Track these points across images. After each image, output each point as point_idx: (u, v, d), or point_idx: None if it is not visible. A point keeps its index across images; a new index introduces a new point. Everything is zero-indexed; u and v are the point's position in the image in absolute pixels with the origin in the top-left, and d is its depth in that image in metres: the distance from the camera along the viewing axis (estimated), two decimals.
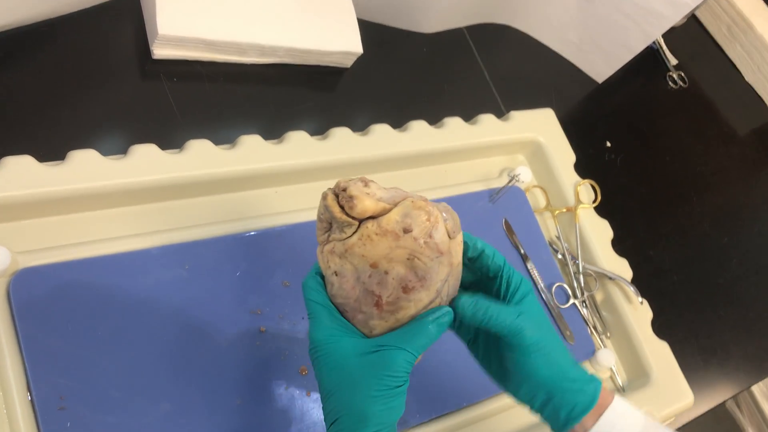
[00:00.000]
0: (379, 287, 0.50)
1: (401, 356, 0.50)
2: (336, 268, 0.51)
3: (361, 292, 0.51)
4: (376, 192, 0.50)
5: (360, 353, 0.50)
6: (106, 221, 0.67)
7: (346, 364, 0.50)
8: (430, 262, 0.50)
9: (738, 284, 1.14)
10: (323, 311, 0.53)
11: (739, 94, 1.46)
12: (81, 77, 0.75)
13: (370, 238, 0.49)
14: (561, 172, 0.96)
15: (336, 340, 0.51)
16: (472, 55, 1.09)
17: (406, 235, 0.49)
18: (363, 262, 0.50)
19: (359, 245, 0.49)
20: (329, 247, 0.52)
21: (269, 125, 0.84)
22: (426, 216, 0.49)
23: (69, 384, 0.58)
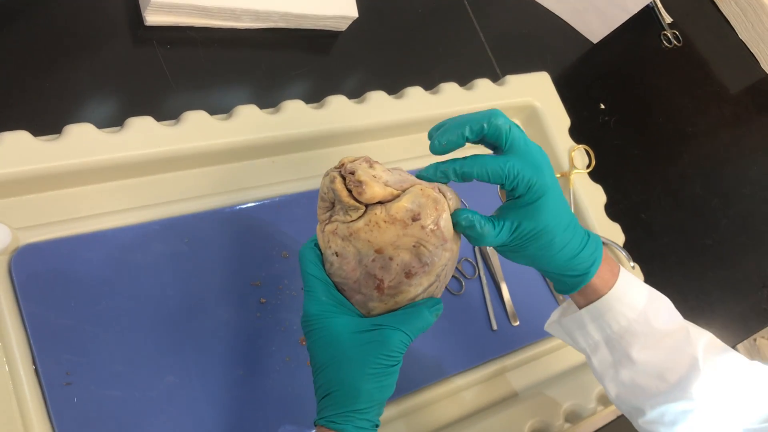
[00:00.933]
0: (382, 271, 0.51)
1: (398, 336, 0.51)
2: (337, 249, 0.52)
3: (362, 275, 0.51)
4: (382, 175, 0.51)
5: (356, 331, 0.51)
6: (105, 195, 0.66)
7: (341, 340, 0.51)
8: (435, 249, 0.50)
9: (726, 245, 1.16)
10: (320, 285, 0.53)
11: (732, 52, 1.45)
12: (72, 46, 0.73)
13: (378, 225, 0.49)
14: (555, 136, 0.96)
15: (332, 315, 0.52)
16: (468, 16, 1.07)
17: (415, 223, 0.49)
18: (368, 246, 0.50)
19: (365, 230, 0.49)
20: (331, 227, 0.52)
21: (264, 91, 0.83)
22: (434, 204, 0.49)
23: (74, 359, 0.59)
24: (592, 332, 0.58)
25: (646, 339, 0.56)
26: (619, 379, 0.59)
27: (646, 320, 0.56)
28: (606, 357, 0.59)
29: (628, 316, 0.56)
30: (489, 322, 0.82)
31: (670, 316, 0.58)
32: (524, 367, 0.82)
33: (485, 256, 0.85)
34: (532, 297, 0.87)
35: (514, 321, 0.83)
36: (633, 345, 0.56)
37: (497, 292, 0.84)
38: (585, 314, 0.58)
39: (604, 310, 0.56)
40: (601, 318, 0.57)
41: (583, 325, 0.58)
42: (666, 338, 0.57)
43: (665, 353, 0.56)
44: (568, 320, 0.60)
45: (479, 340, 0.80)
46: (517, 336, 0.83)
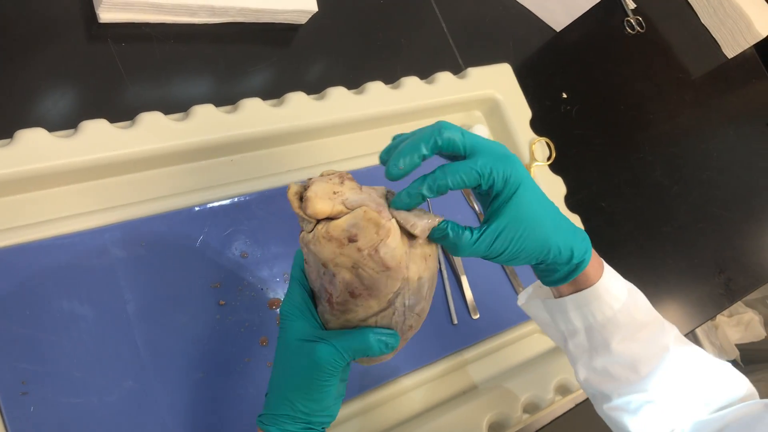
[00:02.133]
0: (330, 286, 0.51)
1: (330, 353, 0.51)
2: (306, 257, 0.53)
3: (319, 285, 0.53)
4: (346, 192, 0.50)
5: (302, 339, 0.52)
6: (59, 200, 0.66)
7: (288, 345, 0.53)
8: (375, 275, 0.50)
9: (684, 232, 1.18)
10: (297, 287, 0.55)
11: (694, 37, 1.47)
12: (23, 46, 0.72)
13: (319, 240, 0.49)
14: (517, 129, 0.97)
15: (293, 318, 0.53)
16: (430, 5, 1.07)
17: (351, 244, 0.49)
18: (316, 259, 0.51)
19: (313, 243, 0.50)
20: (301, 234, 0.52)
21: (222, 87, 0.82)
22: (375, 229, 0.49)
23: (30, 368, 0.59)
24: (574, 319, 0.59)
25: (626, 330, 0.57)
26: (591, 365, 0.60)
27: (629, 312, 0.57)
28: (583, 342, 0.60)
29: (613, 307, 0.57)
30: (450, 316, 0.83)
31: (647, 308, 0.60)
32: (484, 359, 0.84)
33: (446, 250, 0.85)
34: (492, 289, 0.88)
35: (474, 314, 0.84)
36: (614, 335, 0.57)
37: (458, 286, 0.85)
38: (569, 302, 0.58)
39: (591, 299, 0.57)
40: (586, 307, 0.57)
41: (565, 311, 0.59)
42: (643, 329, 0.58)
43: (640, 345, 0.58)
44: (552, 303, 0.60)
45: (440, 334, 0.81)
46: (478, 329, 0.84)
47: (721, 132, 1.37)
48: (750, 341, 2.00)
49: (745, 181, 1.34)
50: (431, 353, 0.80)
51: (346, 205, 0.49)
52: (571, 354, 0.62)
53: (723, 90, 1.44)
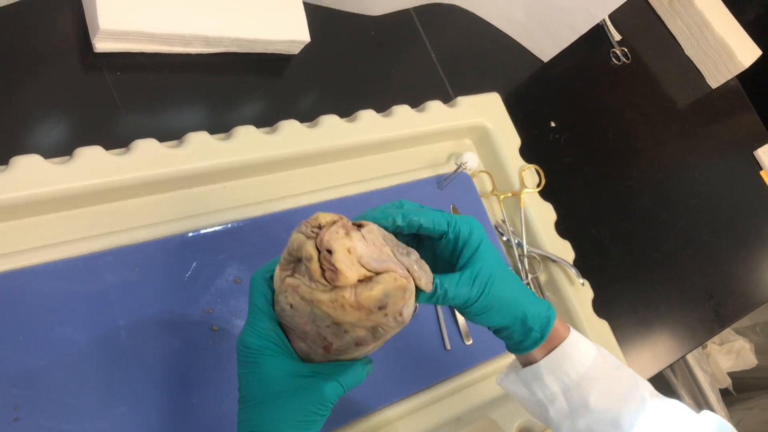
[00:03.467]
0: (334, 337, 0.50)
1: (333, 387, 0.51)
2: (293, 302, 0.50)
3: (312, 331, 0.51)
4: (357, 248, 0.48)
5: (294, 375, 0.51)
6: (54, 225, 0.66)
7: (277, 381, 0.51)
8: (392, 331, 0.51)
9: (673, 258, 1.19)
10: (264, 319, 0.52)
11: (679, 68, 1.50)
12: (20, 74, 0.73)
13: (342, 307, 0.47)
14: (506, 156, 0.98)
15: (271, 353, 0.51)
16: (419, 36, 1.09)
17: (380, 311, 0.48)
18: (327, 317, 0.49)
19: (328, 305, 0.48)
20: (293, 282, 0.50)
21: (216, 116, 0.83)
22: (402, 294, 0.49)
23: (22, 393, 0.58)
24: (550, 383, 0.59)
25: (601, 384, 0.58)
26: (576, 428, 0.60)
27: (601, 366, 0.59)
28: (563, 407, 0.60)
29: (584, 363, 0.58)
30: (443, 342, 0.83)
31: (617, 362, 0.61)
32: (477, 385, 0.84)
33: None
34: None
35: (467, 340, 0.84)
36: (590, 391, 0.58)
37: (450, 311, 0.85)
38: (543, 366, 0.59)
39: (562, 359, 0.58)
40: (560, 367, 0.58)
41: (540, 377, 0.59)
42: (617, 383, 0.59)
43: (618, 399, 0.58)
44: (526, 372, 0.61)
45: (433, 360, 0.81)
46: (471, 355, 0.84)
47: (706, 160, 1.40)
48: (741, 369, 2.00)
49: (732, 208, 1.36)
50: (425, 379, 0.80)
51: (366, 266, 0.48)
52: (554, 423, 0.61)
53: (708, 119, 1.46)
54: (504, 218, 0.97)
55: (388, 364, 0.77)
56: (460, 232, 0.56)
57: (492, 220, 0.96)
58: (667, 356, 1.10)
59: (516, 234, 0.96)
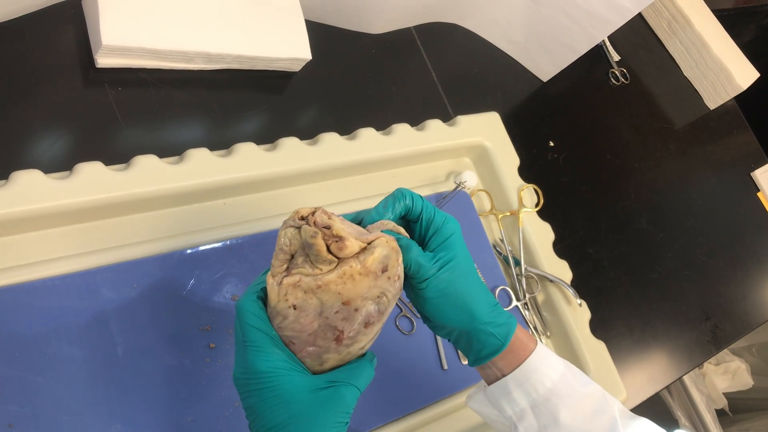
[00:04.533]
0: (344, 323, 0.51)
1: (351, 392, 0.51)
2: (296, 302, 0.50)
3: (320, 327, 0.51)
4: (342, 226, 0.51)
5: (313, 389, 0.50)
6: (52, 241, 0.66)
7: (299, 399, 0.50)
8: (392, 299, 0.52)
9: (670, 278, 1.19)
10: (268, 340, 0.51)
11: (677, 89, 1.51)
12: (22, 89, 0.73)
13: (352, 278, 0.50)
14: (505, 176, 0.98)
15: (285, 372, 0.50)
16: (420, 55, 1.10)
17: (383, 274, 0.51)
18: (335, 299, 0.50)
19: (338, 283, 0.49)
20: (291, 280, 0.50)
21: (217, 132, 0.84)
22: (396, 255, 0.52)
23: (17, 410, 0.58)
24: (518, 398, 0.58)
25: (570, 400, 0.57)
26: None
27: (568, 381, 0.58)
28: (532, 424, 0.59)
29: (552, 378, 0.57)
30: (440, 361, 0.83)
31: (585, 378, 0.60)
32: None
33: None
34: None
35: (464, 360, 0.84)
36: (559, 407, 0.57)
37: None
38: (510, 381, 0.58)
39: (530, 373, 0.57)
40: (527, 382, 0.57)
41: (508, 392, 0.59)
42: (586, 399, 0.58)
43: (587, 416, 0.57)
44: (493, 388, 0.60)
45: (430, 379, 0.81)
46: (468, 375, 0.84)
47: (704, 181, 1.40)
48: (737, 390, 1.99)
49: (729, 229, 1.36)
50: (421, 398, 0.79)
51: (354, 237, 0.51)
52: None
53: (705, 140, 1.47)
54: (502, 237, 0.97)
55: (385, 383, 0.77)
56: (433, 219, 0.57)
57: (490, 239, 0.96)
58: (664, 377, 1.10)
59: (514, 253, 0.96)
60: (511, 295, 0.93)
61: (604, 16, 1.08)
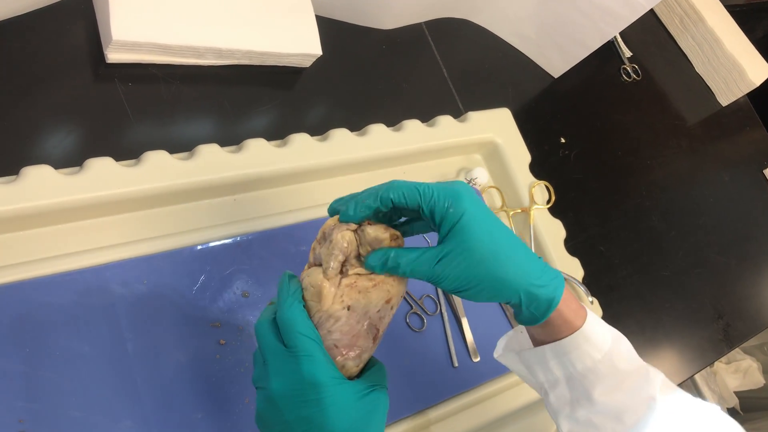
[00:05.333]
0: (380, 321, 0.53)
1: (386, 395, 0.52)
2: (351, 303, 0.51)
3: (364, 327, 0.52)
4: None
5: (359, 395, 0.50)
6: (62, 237, 0.66)
7: (353, 407, 0.49)
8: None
9: (682, 276, 1.18)
10: (318, 349, 0.49)
11: (689, 86, 1.49)
12: (32, 84, 0.73)
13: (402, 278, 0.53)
14: (516, 172, 0.97)
15: (337, 382, 0.49)
16: (431, 51, 1.09)
17: None
18: (383, 297, 0.52)
19: (389, 281, 0.52)
20: (349, 281, 0.51)
21: (227, 128, 0.83)
22: None
23: (27, 406, 0.58)
24: (554, 369, 0.57)
25: (609, 380, 0.56)
26: (574, 416, 0.58)
27: (611, 361, 0.56)
28: (564, 394, 0.58)
29: (593, 357, 0.55)
30: (450, 359, 0.82)
31: (631, 356, 0.58)
32: (485, 403, 0.83)
33: (446, 292, 0.86)
34: (492, 332, 0.87)
35: (474, 357, 0.84)
36: (596, 386, 0.56)
37: (458, 328, 0.85)
38: (548, 350, 0.56)
39: (570, 349, 0.55)
40: (566, 356, 0.56)
41: (544, 361, 0.57)
42: (627, 379, 0.56)
43: (625, 395, 0.56)
44: (529, 353, 0.59)
45: (440, 377, 0.81)
46: (478, 372, 0.83)
47: (716, 178, 1.39)
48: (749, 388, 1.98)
49: (741, 227, 1.35)
50: (431, 396, 0.79)
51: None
52: (552, 407, 0.60)
53: (718, 137, 1.46)
54: None
55: (395, 381, 0.76)
56: (435, 207, 0.50)
57: None
58: (676, 376, 1.09)
59: None
60: None
61: (616, 12, 1.07)
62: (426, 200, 0.51)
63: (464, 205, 0.50)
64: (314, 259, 0.54)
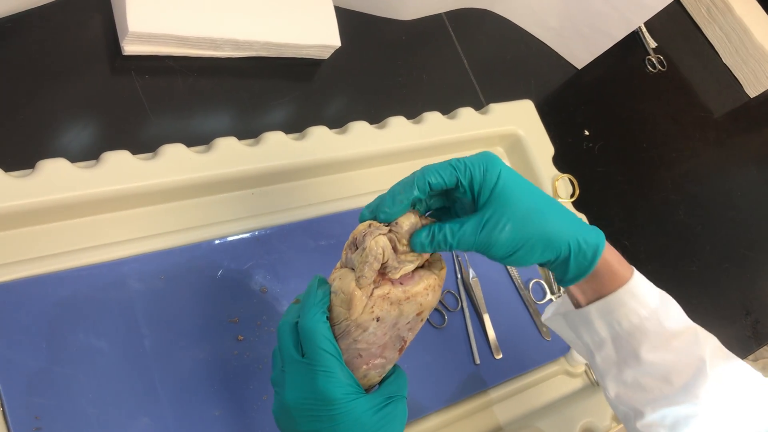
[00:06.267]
0: (409, 333, 0.52)
1: (403, 404, 0.51)
2: (381, 314, 0.50)
3: (391, 338, 0.51)
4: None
5: (375, 408, 0.49)
6: (79, 231, 0.65)
7: (367, 422, 0.48)
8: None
9: (710, 271, 1.16)
10: (337, 365, 0.49)
11: (716, 77, 1.46)
12: (47, 77, 0.72)
13: (434, 289, 0.51)
14: (539, 165, 0.95)
15: (354, 397, 0.48)
16: (451, 42, 1.07)
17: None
18: (414, 309, 0.51)
19: (422, 294, 0.51)
20: (382, 291, 0.49)
21: (245, 120, 0.82)
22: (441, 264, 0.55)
23: (44, 403, 0.57)
24: (599, 329, 0.56)
25: (656, 338, 0.54)
26: (621, 378, 0.57)
27: (658, 320, 0.54)
28: (611, 355, 0.57)
29: (640, 314, 0.54)
30: (472, 356, 0.80)
31: (680, 316, 0.56)
32: (507, 401, 0.81)
33: (468, 287, 0.84)
34: (515, 329, 0.86)
35: (497, 354, 0.82)
36: (642, 344, 0.54)
37: (480, 325, 0.83)
38: (593, 310, 0.55)
39: (616, 306, 0.54)
40: (611, 314, 0.55)
41: (589, 321, 0.56)
42: (675, 339, 0.54)
43: (673, 355, 0.54)
44: (574, 314, 0.58)
45: (461, 374, 0.79)
46: (500, 369, 0.82)
47: (744, 171, 1.36)
48: None
49: None
50: (453, 393, 0.77)
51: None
52: (599, 369, 0.59)
53: (745, 129, 1.42)
54: None
55: (416, 379, 0.75)
56: (473, 178, 0.50)
57: None
58: None
59: None
60: (545, 288, 0.90)
61: (641, 1, 1.04)
62: (462, 172, 0.50)
63: (498, 168, 0.50)
64: (346, 262, 0.52)
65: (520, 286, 0.88)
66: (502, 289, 0.88)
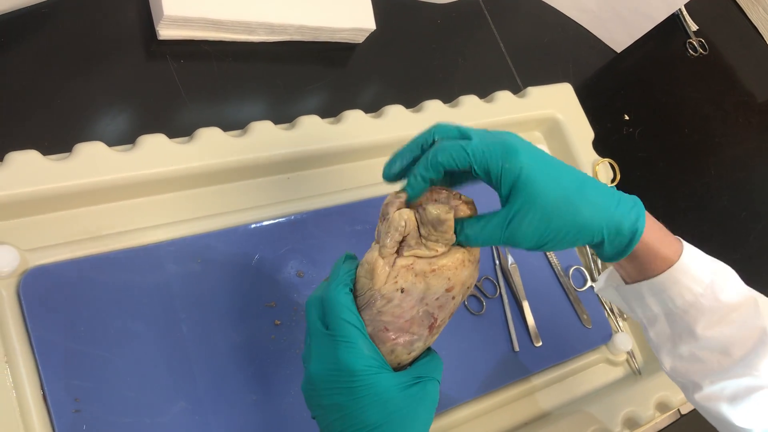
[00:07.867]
0: (439, 310, 0.50)
1: (435, 387, 0.49)
2: (405, 285, 0.48)
3: (419, 313, 0.49)
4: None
5: (402, 386, 0.47)
6: (116, 215, 0.65)
7: (391, 398, 0.46)
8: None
9: (754, 261, 1.12)
10: (359, 336, 0.47)
11: (760, 61, 1.42)
12: (84, 62, 0.72)
13: (463, 264, 0.49)
14: (579, 150, 0.93)
15: (378, 369, 0.47)
16: (487, 25, 1.05)
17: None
18: (443, 284, 0.49)
19: (450, 268, 0.48)
20: (405, 261, 0.48)
21: (280, 105, 0.81)
22: None
23: (83, 385, 0.57)
24: (651, 305, 0.54)
25: (712, 314, 0.52)
26: (677, 352, 0.55)
27: (714, 294, 0.52)
28: (664, 329, 0.55)
29: (694, 291, 0.51)
30: (511, 343, 0.79)
31: (737, 287, 0.53)
32: (547, 389, 0.80)
33: (506, 274, 0.82)
34: (555, 316, 0.84)
35: (536, 341, 0.80)
36: (698, 321, 0.52)
37: (519, 312, 0.81)
38: (644, 287, 0.53)
39: (668, 285, 0.52)
40: (663, 292, 0.52)
41: (641, 296, 0.54)
42: (733, 312, 0.52)
43: (732, 328, 0.52)
44: (626, 289, 0.56)
45: (501, 361, 0.78)
46: (540, 357, 0.80)
47: None
48: None
49: None
50: (493, 381, 0.76)
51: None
52: (652, 342, 0.57)
53: None
54: None
55: (454, 366, 0.74)
56: (489, 166, 0.47)
57: None
58: None
59: None
60: (585, 275, 0.88)
61: None
62: (477, 161, 0.47)
63: (520, 158, 0.46)
64: (377, 236, 0.51)
65: (560, 273, 0.86)
66: (542, 275, 0.86)
